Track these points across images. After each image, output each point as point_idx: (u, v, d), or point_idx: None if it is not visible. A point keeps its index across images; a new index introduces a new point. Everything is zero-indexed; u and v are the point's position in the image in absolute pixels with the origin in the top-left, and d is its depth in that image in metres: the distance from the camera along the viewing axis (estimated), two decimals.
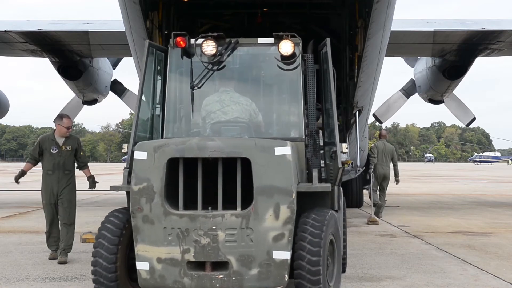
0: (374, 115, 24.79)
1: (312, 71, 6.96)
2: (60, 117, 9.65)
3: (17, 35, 18.75)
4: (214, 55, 6.99)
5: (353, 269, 8.46)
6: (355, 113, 14.46)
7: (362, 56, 13.27)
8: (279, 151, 5.97)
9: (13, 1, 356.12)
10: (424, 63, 22.74)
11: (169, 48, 7.35)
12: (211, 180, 6.06)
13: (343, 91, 15.34)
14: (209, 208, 5.95)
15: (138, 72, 13.08)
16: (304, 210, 6.20)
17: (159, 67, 7.62)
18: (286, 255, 5.83)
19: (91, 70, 21.30)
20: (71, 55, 20.40)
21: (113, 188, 6.76)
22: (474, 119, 25.31)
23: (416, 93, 24.58)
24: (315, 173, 6.39)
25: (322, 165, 7.16)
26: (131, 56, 13.86)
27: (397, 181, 15.93)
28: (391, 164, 15.79)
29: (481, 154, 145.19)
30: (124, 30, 12.67)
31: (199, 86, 7.15)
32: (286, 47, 6.84)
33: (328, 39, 7.08)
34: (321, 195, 6.52)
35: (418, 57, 23.70)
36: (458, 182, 39.17)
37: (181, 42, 7.08)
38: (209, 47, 6.95)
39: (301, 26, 15.97)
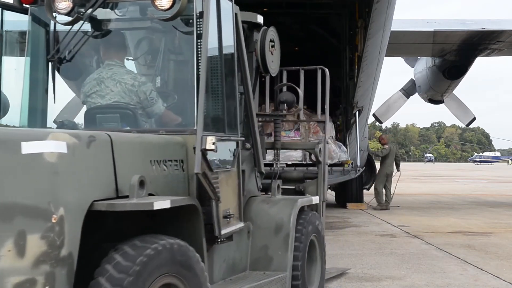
0: (374, 115, 24.86)
1: (218, 35, 4.77)
2: None
3: (17, 35, 18.76)
4: (70, 14, 4.99)
5: (353, 269, 8.44)
6: (355, 113, 14.49)
7: (362, 56, 13.30)
8: (29, 147, 3.63)
9: None
10: (424, 63, 22.80)
11: (29, 9, 5.31)
12: None
13: (343, 91, 15.38)
14: None
15: None
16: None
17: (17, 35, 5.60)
18: None
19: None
20: None
21: None
22: (474, 119, 25.37)
23: (416, 93, 24.66)
24: (134, 181, 3.94)
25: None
26: None
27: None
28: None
29: (481, 154, 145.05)
30: None
31: (61, 57, 5.25)
32: None
33: None
34: (172, 217, 4.27)
35: (418, 57, 23.78)
36: (458, 182, 39.14)
37: None
38: (62, 3, 5.00)
39: (301, 26, 16.01)
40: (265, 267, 5.57)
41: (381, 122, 27.74)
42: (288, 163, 11.90)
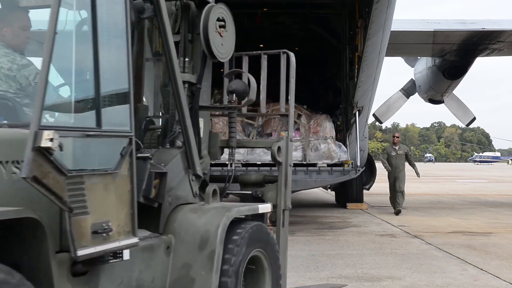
0: (374, 115, 24.88)
1: (92, 12, 3.67)
2: None
3: None
4: None
5: (353, 269, 8.45)
6: (355, 113, 14.49)
7: (362, 56, 13.31)
8: None
9: None
10: (424, 63, 22.82)
11: None
12: None
13: (343, 91, 15.40)
14: None
15: None
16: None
17: None
18: None
19: None
20: None
21: None
22: (474, 119, 25.38)
23: (416, 93, 24.68)
24: None
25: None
26: None
27: None
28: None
29: (481, 154, 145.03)
30: None
31: None
32: None
33: None
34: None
35: (418, 57, 23.80)
36: (458, 182, 39.13)
37: None
38: None
39: (301, 26, 16.02)
40: None
41: (381, 122, 27.76)
42: None
